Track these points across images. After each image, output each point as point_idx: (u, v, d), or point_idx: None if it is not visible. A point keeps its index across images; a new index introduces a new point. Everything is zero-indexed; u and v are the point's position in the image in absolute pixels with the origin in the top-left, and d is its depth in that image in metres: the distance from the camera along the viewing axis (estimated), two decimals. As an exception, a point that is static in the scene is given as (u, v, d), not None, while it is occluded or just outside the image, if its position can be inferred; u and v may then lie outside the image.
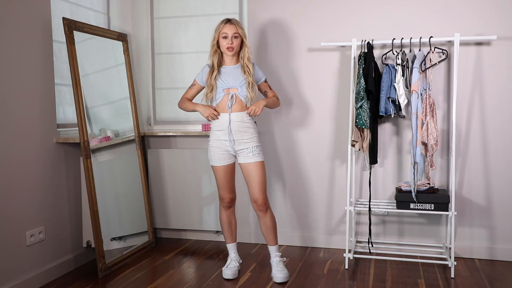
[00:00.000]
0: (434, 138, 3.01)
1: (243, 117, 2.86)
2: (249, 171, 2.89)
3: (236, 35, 2.82)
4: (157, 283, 2.92)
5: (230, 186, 2.98)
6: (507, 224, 3.23)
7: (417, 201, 3.01)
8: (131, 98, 3.61)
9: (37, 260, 2.89)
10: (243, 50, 2.87)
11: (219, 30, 2.84)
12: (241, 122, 2.85)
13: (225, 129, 2.86)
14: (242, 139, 2.86)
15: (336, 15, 3.42)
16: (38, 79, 2.92)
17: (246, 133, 2.87)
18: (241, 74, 2.87)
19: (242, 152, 2.88)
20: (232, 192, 3.00)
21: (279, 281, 2.88)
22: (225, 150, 2.90)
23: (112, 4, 3.77)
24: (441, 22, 3.22)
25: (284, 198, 3.64)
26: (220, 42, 2.84)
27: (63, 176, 3.13)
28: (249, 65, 2.86)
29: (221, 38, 2.83)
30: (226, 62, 2.91)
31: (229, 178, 2.97)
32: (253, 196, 2.91)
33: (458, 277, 2.95)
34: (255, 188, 2.89)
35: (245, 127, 2.87)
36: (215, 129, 2.91)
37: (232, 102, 2.84)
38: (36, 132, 2.90)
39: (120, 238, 3.42)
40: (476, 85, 3.22)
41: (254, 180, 2.88)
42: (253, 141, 2.88)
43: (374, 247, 3.34)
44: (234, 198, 3.02)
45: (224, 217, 3.03)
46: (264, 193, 2.90)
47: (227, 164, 2.93)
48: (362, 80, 3.05)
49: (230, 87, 2.86)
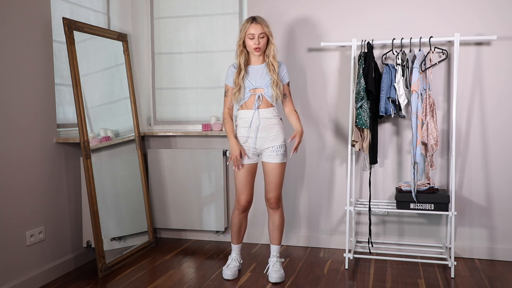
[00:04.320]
0: (434, 138, 3.01)
1: (269, 113, 2.85)
2: (269, 170, 2.88)
3: (262, 34, 2.79)
4: (157, 283, 2.92)
5: (249, 188, 2.92)
6: (507, 224, 3.23)
7: (417, 201, 3.01)
8: (131, 98, 3.61)
9: (37, 260, 2.89)
10: (268, 48, 2.83)
11: (245, 31, 2.79)
12: (266, 119, 2.85)
13: (250, 126, 2.85)
14: (268, 137, 2.85)
15: (336, 15, 3.42)
16: (38, 79, 2.92)
17: (272, 130, 2.86)
18: (267, 73, 2.84)
19: (266, 150, 2.87)
20: (250, 195, 2.94)
21: (273, 280, 2.89)
22: (248, 147, 2.88)
23: (112, 4, 3.77)
24: (441, 22, 3.22)
25: (284, 198, 3.64)
26: (247, 42, 2.81)
27: (63, 176, 3.13)
28: (274, 63, 2.82)
29: (248, 38, 2.80)
30: (253, 62, 2.89)
31: (249, 179, 2.91)
32: (268, 194, 2.92)
33: (458, 277, 2.95)
34: (271, 187, 2.89)
35: (271, 123, 2.86)
36: (240, 126, 2.90)
37: (259, 102, 2.83)
38: (36, 132, 2.90)
39: (120, 238, 3.42)
40: (476, 85, 3.22)
41: (272, 181, 2.89)
42: (278, 139, 2.86)
43: (374, 247, 3.34)
44: (251, 201, 2.97)
45: (236, 220, 3.00)
46: (279, 192, 2.91)
47: (248, 163, 2.89)
48: (362, 80, 3.05)
49: (257, 87, 2.84)
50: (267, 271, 2.97)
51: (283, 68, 2.91)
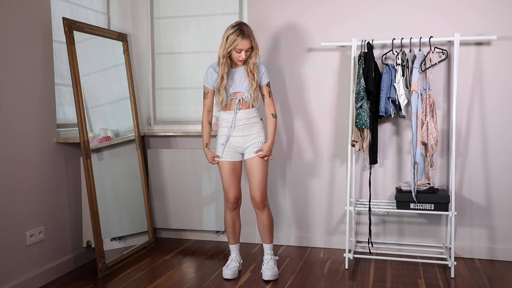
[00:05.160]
0: (434, 138, 3.01)
1: (249, 114, 2.89)
2: (250, 167, 2.90)
3: (249, 49, 2.80)
4: (157, 283, 2.92)
5: (234, 185, 2.96)
6: (507, 224, 3.23)
7: (417, 201, 3.01)
8: (131, 98, 3.61)
9: (37, 260, 2.89)
10: (251, 56, 2.84)
11: (233, 45, 2.76)
12: (247, 119, 2.89)
13: (231, 126, 2.88)
14: (249, 135, 2.89)
15: (336, 15, 3.42)
16: (38, 79, 2.92)
17: (253, 128, 2.90)
18: (246, 77, 2.87)
19: (248, 148, 2.90)
20: (238, 191, 2.98)
21: (266, 278, 2.91)
22: (230, 146, 2.91)
23: (112, 4, 3.77)
24: (441, 22, 3.22)
25: (284, 198, 3.64)
26: (233, 54, 2.80)
27: (63, 176, 3.13)
28: (254, 70, 2.84)
29: (235, 51, 2.78)
30: (233, 65, 2.90)
31: (234, 177, 2.95)
32: (252, 193, 2.92)
33: (458, 277, 2.95)
34: (254, 185, 2.90)
35: (252, 122, 2.90)
36: (222, 126, 2.94)
37: (239, 106, 2.86)
38: (36, 132, 2.90)
39: (120, 238, 3.42)
40: (476, 85, 3.22)
41: (254, 177, 2.90)
42: (259, 137, 2.91)
43: (374, 247, 3.34)
44: (239, 197, 3.00)
45: (228, 219, 3.02)
46: (262, 191, 2.91)
47: (232, 161, 2.92)
48: (362, 80, 3.05)
49: (237, 91, 2.87)
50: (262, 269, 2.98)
51: (261, 69, 2.91)
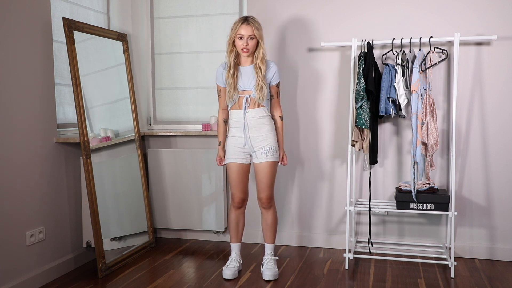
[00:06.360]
0: (434, 138, 3.01)
1: (258, 113, 2.86)
2: (259, 170, 2.89)
3: (252, 36, 2.78)
4: (157, 283, 2.92)
5: (242, 187, 2.96)
6: (507, 224, 3.23)
7: (417, 201, 3.01)
8: (131, 98, 3.61)
9: (37, 260, 2.89)
10: (257, 50, 2.82)
11: (235, 30, 2.78)
12: (255, 119, 2.85)
13: (241, 126, 2.86)
14: (258, 136, 2.86)
15: (336, 15, 3.42)
16: (38, 79, 2.92)
17: (262, 129, 2.86)
18: (255, 75, 2.84)
19: (257, 151, 2.88)
20: (244, 193, 2.98)
21: (266, 278, 2.92)
22: (239, 148, 2.89)
23: (112, 4, 3.77)
24: (441, 22, 3.22)
25: (284, 198, 3.64)
26: (236, 42, 2.80)
27: (63, 176, 3.13)
28: (261, 66, 2.81)
29: (237, 38, 2.79)
30: (242, 62, 2.89)
31: (242, 178, 2.94)
32: (259, 193, 2.93)
33: (458, 277, 2.95)
34: (263, 186, 2.90)
35: (261, 123, 2.86)
36: (232, 126, 2.92)
37: (247, 104, 2.84)
38: (36, 132, 2.90)
39: (120, 238, 3.42)
40: (476, 85, 3.22)
41: (262, 180, 2.90)
42: (268, 139, 2.87)
43: (374, 247, 3.34)
44: (245, 198, 3.00)
45: (232, 216, 3.03)
46: (270, 191, 2.92)
47: (240, 163, 2.91)
48: (362, 80, 3.05)
49: (245, 89, 2.85)
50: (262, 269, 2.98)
51: (273, 69, 2.88)
